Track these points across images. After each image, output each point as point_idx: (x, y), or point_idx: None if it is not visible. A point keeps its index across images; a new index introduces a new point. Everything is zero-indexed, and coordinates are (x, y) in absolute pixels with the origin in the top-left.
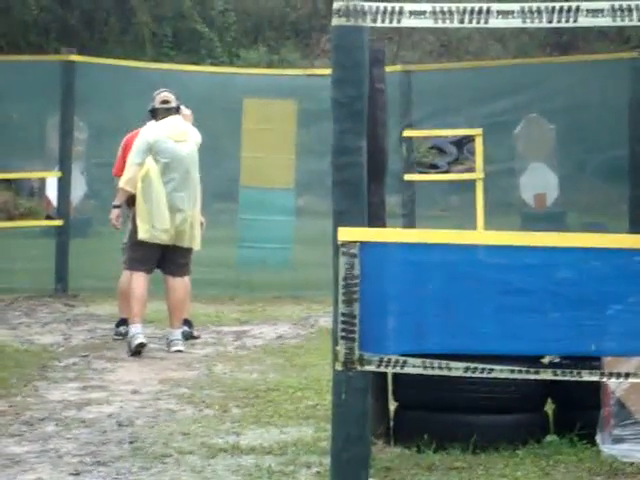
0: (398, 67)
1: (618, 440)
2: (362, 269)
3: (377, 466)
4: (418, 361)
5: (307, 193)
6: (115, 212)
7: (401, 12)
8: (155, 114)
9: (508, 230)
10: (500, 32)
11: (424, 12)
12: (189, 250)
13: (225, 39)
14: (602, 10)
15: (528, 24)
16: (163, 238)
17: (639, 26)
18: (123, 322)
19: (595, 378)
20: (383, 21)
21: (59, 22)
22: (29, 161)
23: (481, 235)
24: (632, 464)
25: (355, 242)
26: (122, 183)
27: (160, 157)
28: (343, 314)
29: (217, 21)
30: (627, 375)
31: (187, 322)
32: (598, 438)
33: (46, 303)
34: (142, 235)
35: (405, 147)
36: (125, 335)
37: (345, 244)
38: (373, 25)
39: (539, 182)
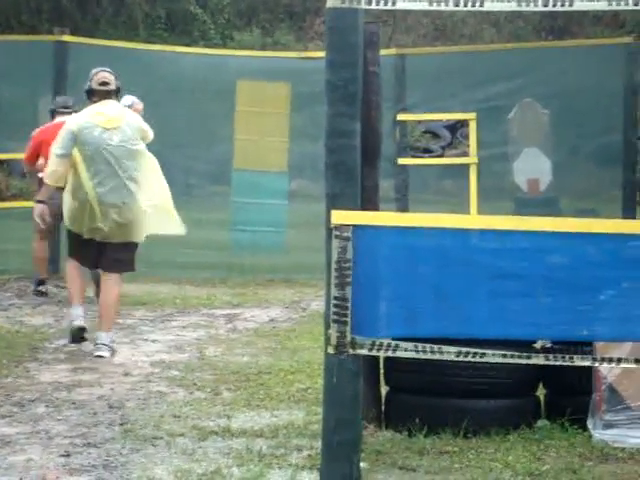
0: (392, 50)
1: (609, 425)
2: (355, 252)
3: (368, 450)
4: (410, 345)
5: (300, 176)
6: (39, 208)
7: None
8: (91, 96)
9: (501, 215)
10: (495, 16)
11: None
12: (129, 245)
13: (219, 21)
14: None
15: (524, 8)
16: (96, 236)
17: (634, 11)
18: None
19: (587, 363)
20: (378, 3)
21: (51, 2)
22: (21, 142)
23: (474, 219)
24: (623, 449)
25: (348, 225)
26: (45, 177)
27: (85, 147)
28: (335, 297)
29: (211, 3)
30: (619, 360)
31: (41, 282)
32: (589, 423)
33: None
34: (74, 230)
35: (398, 131)
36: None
37: (338, 227)
38: (368, 7)
39: (532, 167)
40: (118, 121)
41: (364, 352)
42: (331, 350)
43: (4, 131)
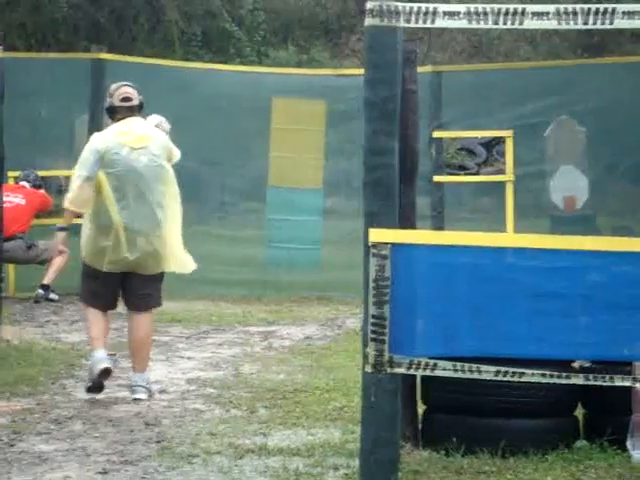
0: (428, 67)
1: None
2: (393, 271)
3: (405, 469)
4: (449, 364)
5: (335, 193)
6: (61, 236)
7: (435, 13)
8: (113, 113)
9: (537, 233)
10: (531, 33)
11: (458, 13)
12: (155, 277)
13: (254, 38)
14: (638, 12)
15: (563, 26)
16: (118, 268)
17: None
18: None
19: (627, 384)
20: (417, 21)
21: (88, 20)
22: (57, 159)
23: (512, 237)
24: None
25: (386, 243)
26: (67, 202)
27: (111, 169)
28: (373, 316)
29: (246, 20)
30: None
31: (46, 286)
32: (629, 444)
33: (73, 301)
34: (92, 263)
35: (434, 148)
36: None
37: (376, 245)
38: (407, 25)
39: (569, 185)
40: (146, 140)
41: (402, 371)
42: (369, 369)
43: (41, 148)
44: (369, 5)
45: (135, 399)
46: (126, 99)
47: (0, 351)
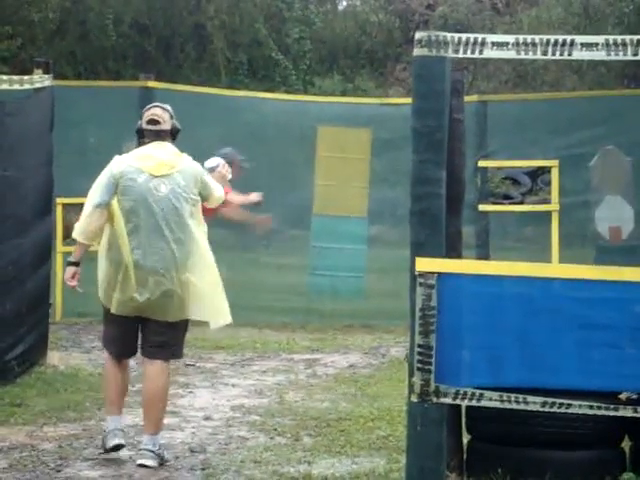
0: (474, 97)
1: None
2: (439, 300)
3: None
4: (495, 394)
5: (379, 222)
6: (70, 271)
7: (483, 43)
8: (141, 137)
9: (582, 263)
10: (577, 63)
11: (507, 43)
12: (175, 325)
13: (300, 67)
14: None
15: (612, 57)
16: (127, 310)
17: None
18: None
19: None
20: (465, 52)
21: (136, 48)
22: None
23: (559, 268)
24: None
25: (433, 273)
26: (75, 232)
27: (125, 197)
28: (419, 345)
29: (292, 49)
30: None
31: None
32: None
33: None
34: (105, 302)
35: (479, 177)
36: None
37: (423, 275)
38: (455, 56)
39: (615, 215)
40: (170, 167)
41: (448, 401)
42: (415, 398)
43: (89, 174)
44: (418, 36)
45: (140, 465)
46: (153, 122)
47: (47, 377)
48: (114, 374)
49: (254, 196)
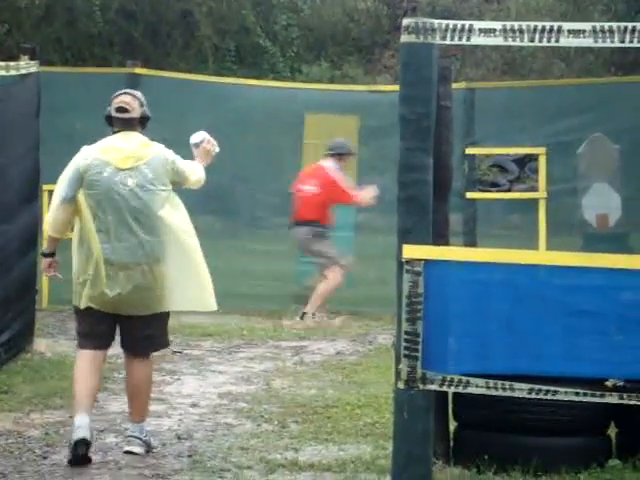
0: (462, 84)
1: None
2: (426, 287)
3: None
4: (481, 381)
5: (367, 209)
6: (46, 262)
7: (471, 30)
8: (110, 125)
9: (570, 250)
10: (565, 50)
11: (494, 30)
12: (156, 317)
13: (287, 54)
14: None
15: (600, 44)
16: (98, 305)
17: None
18: None
19: None
20: (453, 39)
21: (123, 35)
22: None
23: (547, 255)
24: None
25: (420, 260)
26: (45, 225)
27: (91, 191)
28: (406, 332)
29: (280, 36)
30: None
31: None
32: None
33: None
34: (75, 300)
35: (467, 164)
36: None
37: (410, 262)
38: (442, 43)
39: (602, 202)
40: (136, 159)
41: (435, 387)
42: (401, 385)
43: None
44: (405, 22)
45: (127, 451)
46: (121, 109)
47: (33, 364)
48: (84, 377)
49: (372, 190)
